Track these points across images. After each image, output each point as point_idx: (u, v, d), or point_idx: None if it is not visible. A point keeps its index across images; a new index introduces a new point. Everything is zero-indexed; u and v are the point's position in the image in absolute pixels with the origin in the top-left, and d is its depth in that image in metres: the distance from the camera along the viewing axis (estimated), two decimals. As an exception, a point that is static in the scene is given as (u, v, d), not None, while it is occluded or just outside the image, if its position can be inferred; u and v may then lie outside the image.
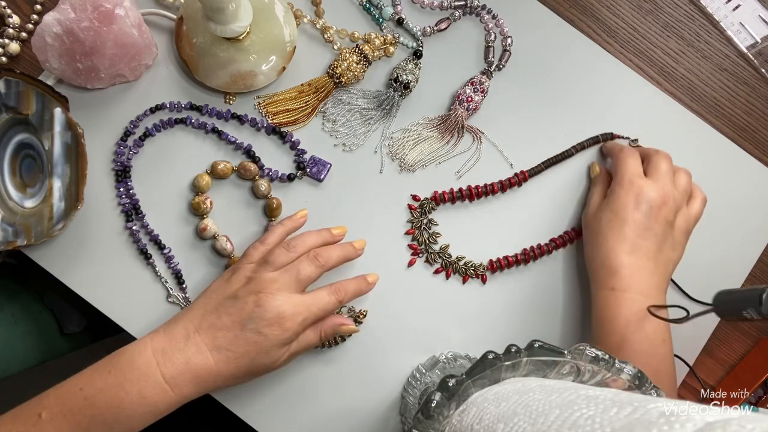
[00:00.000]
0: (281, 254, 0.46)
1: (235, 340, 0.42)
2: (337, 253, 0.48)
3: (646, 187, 0.49)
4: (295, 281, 0.45)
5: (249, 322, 0.43)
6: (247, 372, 0.44)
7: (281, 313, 0.43)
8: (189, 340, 0.42)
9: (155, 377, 0.41)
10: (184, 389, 0.42)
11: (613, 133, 0.57)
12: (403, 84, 0.54)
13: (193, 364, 0.42)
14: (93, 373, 0.42)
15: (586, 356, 0.37)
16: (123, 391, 0.40)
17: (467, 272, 0.54)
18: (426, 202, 0.54)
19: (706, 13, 0.60)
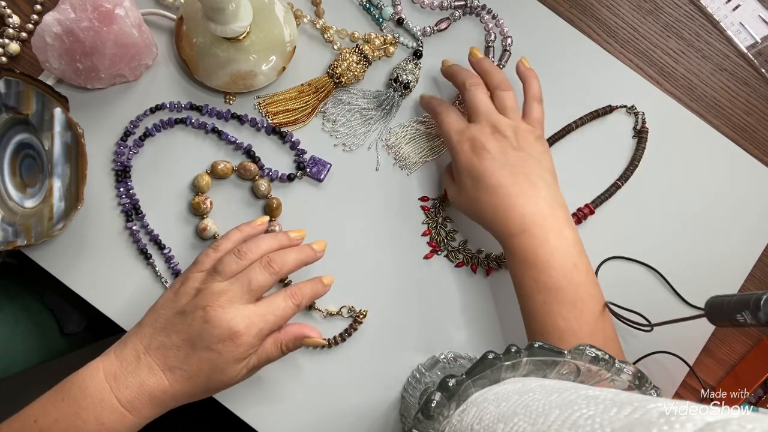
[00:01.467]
0: (231, 262, 0.43)
1: (187, 359, 0.40)
2: (294, 256, 0.45)
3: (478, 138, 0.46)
4: (246, 291, 0.42)
5: (199, 339, 0.40)
6: (205, 389, 0.42)
7: (232, 327, 0.40)
8: (140, 362, 0.40)
9: (111, 402, 0.39)
10: (142, 411, 0.40)
11: (611, 105, 0.57)
12: (404, 84, 0.54)
13: (147, 386, 0.40)
14: (46, 403, 0.40)
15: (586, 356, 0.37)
16: (80, 420, 0.39)
17: (489, 264, 0.54)
18: (438, 200, 0.55)
19: (706, 13, 0.60)
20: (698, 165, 0.59)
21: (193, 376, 0.41)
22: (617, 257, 0.56)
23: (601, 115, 0.57)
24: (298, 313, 0.52)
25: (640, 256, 0.57)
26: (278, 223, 0.53)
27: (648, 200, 0.58)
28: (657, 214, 0.58)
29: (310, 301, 0.46)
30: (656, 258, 0.57)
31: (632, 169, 0.57)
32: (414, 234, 0.55)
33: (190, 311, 0.41)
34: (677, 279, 0.56)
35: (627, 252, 0.56)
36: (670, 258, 0.57)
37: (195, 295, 0.42)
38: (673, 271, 0.56)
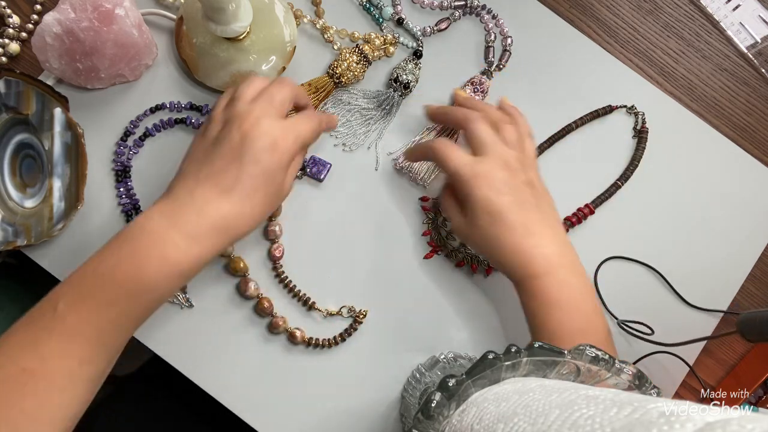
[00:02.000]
0: (245, 87, 0.44)
1: (238, 177, 0.41)
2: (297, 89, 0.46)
3: (490, 173, 0.45)
4: (271, 106, 0.43)
5: (243, 155, 0.41)
6: (261, 206, 0.42)
7: (270, 135, 0.41)
8: (194, 195, 0.40)
9: (172, 237, 0.39)
10: (204, 243, 0.40)
11: (611, 105, 0.57)
12: (403, 84, 0.54)
13: (206, 214, 0.40)
14: (103, 253, 0.39)
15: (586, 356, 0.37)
16: (143, 258, 0.38)
17: (489, 264, 0.55)
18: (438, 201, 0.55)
19: (706, 13, 0.60)
20: (698, 165, 0.59)
21: (249, 193, 0.41)
22: (617, 257, 0.56)
23: (601, 115, 0.57)
24: (296, 312, 0.52)
25: (640, 256, 0.57)
26: (278, 223, 0.53)
27: (648, 200, 0.58)
28: (657, 214, 0.58)
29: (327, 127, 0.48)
30: (656, 258, 0.57)
31: (632, 169, 0.57)
32: (414, 234, 0.55)
33: (225, 135, 0.42)
34: (677, 279, 0.56)
35: (627, 252, 0.56)
36: (670, 258, 0.57)
37: (225, 125, 0.42)
38: (673, 271, 0.56)
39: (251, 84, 0.44)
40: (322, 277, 0.53)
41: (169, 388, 0.60)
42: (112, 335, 0.39)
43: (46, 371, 0.36)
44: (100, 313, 0.38)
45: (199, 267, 0.40)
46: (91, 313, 0.37)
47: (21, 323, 0.38)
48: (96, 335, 0.37)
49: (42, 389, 0.36)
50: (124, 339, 0.40)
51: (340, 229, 0.54)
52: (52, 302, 0.38)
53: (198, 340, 0.51)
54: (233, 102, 0.43)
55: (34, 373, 0.36)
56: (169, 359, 0.50)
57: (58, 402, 0.37)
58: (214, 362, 0.51)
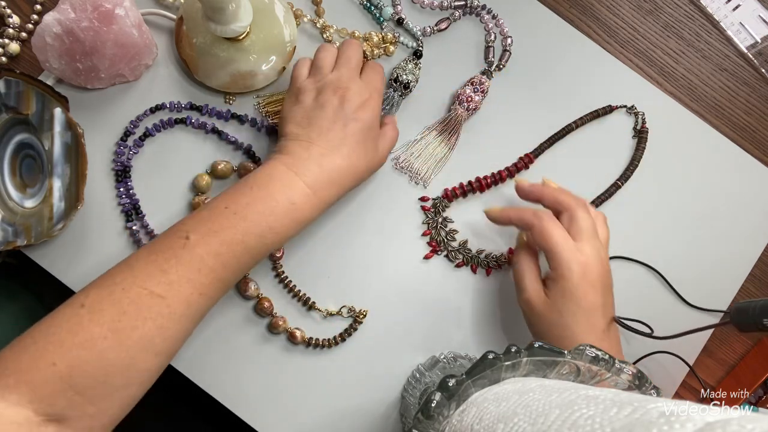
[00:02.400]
0: (323, 56, 0.49)
1: (345, 134, 0.46)
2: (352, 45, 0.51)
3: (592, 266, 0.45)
4: (352, 68, 0.49)
5: (345, 115, 0.46)
6: (369, 159, 0.47)
7: (362, 94, 0.47)
8: (311, 150, 0.45)
9: (298, 185, 0.43)
10: (323, 192, 0.44)
11: (611, 105, 0.57)
12: (403, 84, 0.54)
13: (325, 166, 0.44)
14: (232, 194, 0.42)
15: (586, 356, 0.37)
16: (273, 201, 0.42)
17: (489, 264, 0.54)
18: (438, 200, 0.55)
19: (706, 13, 0.60)
20: (698, 165, 0.59)
21: (355, 147, 0.46)
22: (617, 257, 0.56)
23: (601, 115, 0.57)
24: (296, 312, 0.52)
25: (640, 256, 0.57)
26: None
27: (648, 200, 0.58)
28: (657, 214, 0.58)
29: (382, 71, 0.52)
30: (656, 258, 0.57)
31: (632, 169, 0.57)
32: (414, 234, 0.55)
33: (326, 101, 0.46)
34: (677, 279, 0.56)
35: (627, 252, 0.56)
36: (670, 258, 0.57)
37: (318, 93, 0.47)
38: (673, 271, 0.56)
39: (327, 51, 0.50)
40: (322, 277, 0.53)
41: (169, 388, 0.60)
42: (233, 271, 0.41)
43: (173, 297, 0.38)
44: (228, 247, 0.40)
45: (316, 216, 0.45)
46: (221, 246, 0.40)
47: (146, 251, 0.40)
48: (220, 268, 0.40)
49: (164, 315, 0.38)
50: (239, 277, 0.43)
51: (339, 230, 0.54)
52: (181, 234, 0.40)
53: (198, 339, 0.51)
54: (318, 71, 0.48)
55: (162, 298, 0.38)
56: (169, 359, 0.50)
57: (173, 331, 0.39)
58: (213, 362, 0.51)
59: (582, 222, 0.46)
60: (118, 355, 0.36)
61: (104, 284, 0.38)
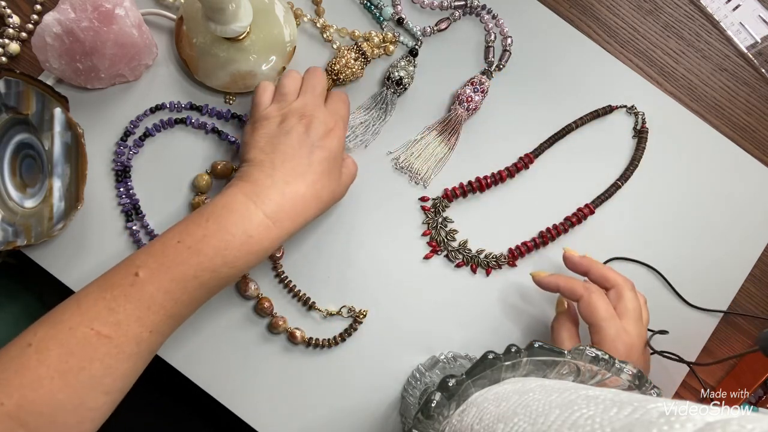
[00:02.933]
0: (288, 83, 0.48)
1: (310, 162, 0.44)
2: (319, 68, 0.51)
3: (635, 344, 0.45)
4: (315, 96, 0.48)
5: (311, 143, 0.45)
6: (333, 188, 0.46)
7: (327, 123, 0.46)
8: (274, 178, 0.43)
9: (257, 216, 0.41)
10: (285, 223, 0.43)
11: (611, 105, 0.57)
12: (395, 81, 0.54)
13: (288, 194, 0.43)
14: (185, 227, 0.41)
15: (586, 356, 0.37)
16: (228, 234, 0.40)
17: (489, 264, 0.54)
18: (438, 200, 0.55)
19: (706, 13, 0.60)
20: (698, 165, 0.59)
21: (320, 176, 0.45)
22: (617, 258, 0.56)
23: (601, 115, 0.57)
24: (296, 312, 0.52)
25: (640, 257, 0.57)
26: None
27: (648, 200, 0.58)
28: (657, 214, 0.58)
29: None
30: (656, 258, 0.57)
31: (632, 169, 0.57)
32: (414, 234, 0.55)
33: (291, 128, 0.45)
34: (677, 279, 0.56)
35: (627, 252, 0.56)
36: (670, 258, 0.57)
37: (283, 119, 0.46)
38: (673, 271, 0.56)
39: (292, 78, 0.48)
40: (322, 277, 0.53)
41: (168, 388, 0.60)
42: (185, 306, 0.40)
43: (121, 336, 0.37)
44: (180, 283, 0.39)
45: (276, 246, 0.43)
46: (171, 282, 0.38)
47: (96, 286, 0.39)
48: (171, 305, 0.39)
49: (113, 355, 0.37)
50: (193, 311, 0.41)
51: (339, 229, 0.54)
52: (131, 269, 0.39)
53: (197, 339, 0.51)
54: (283, 97, 0.47)
55: (110, 338, 0.37)
56: (169, 359, 0.50)
57: (122, 371, 0.38)
58: (213, 362, 0.51)
59: (629, 303, 0.46)
60: (67, 396, 0.36)
61: (52, 322, 0.38)
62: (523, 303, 0.55)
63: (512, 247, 0.55)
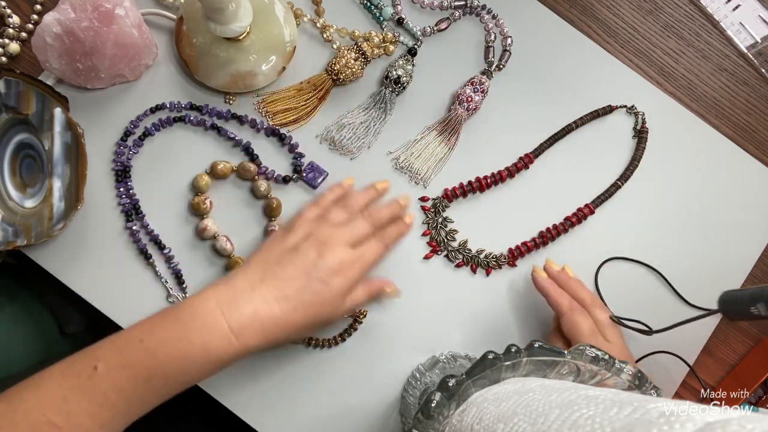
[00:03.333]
0: (338, 213, 0.48)
1: (301, 289, 0.43)
2: (387, 211, 0.50)
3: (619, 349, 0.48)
4: (351, 237, 0.47)
5: (314, 271, 0.44)
6: (311, 322, 0.44)
7: (343, 262, 0.45)
8: (255, 291, 0.42)
9: (221, 328, 0.40)
10: (249, 340, 0.41)
11: (611, 105, 0.57)
12: (393, 80, 0.54)
13: (260, 313, 0.41)
14: (152, 325, 0.41)
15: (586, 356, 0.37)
16: (187, 342, 0.40)
17: (489, 264, 0.55)
18: (438, 200, 0.55)
19: (706, 13, 0.60)
20: (698, 165, 0.59)
21: (305, 306, 0.43)
22: (617, 258, 0.56)
23: (601, 115, 0.57)
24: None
25: (640, 256, 0.57)
26: (278, 223, 0.53)
27: (648, 200, 0.58)
28: (657, 214, 0.58)
29: (398, 240, 0.50)
30: (656, 258, 0.57)
31: (632, 169, 0.57)
32: (414, 234, 0.55)
33: (305, 249, 0.45)
34: (677, 279, 0.56)
35: (627, 252, 0.56)
36: (670, 258, 0.57)
37: (306, 238, 0.46)
38: (673, 271, 0.56)
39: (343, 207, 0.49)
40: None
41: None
42: (136, 407, 0.40)
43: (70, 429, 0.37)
44: (133, 384, 0.39)
45: (233, 362, 0.42)
46: (126, 382, 0.39)
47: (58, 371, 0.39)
48: (123, 405, 0.39)
49: None
50: (144, 412, 0.41)
51: (340, 229, 0.54)
52: (92, 360, 0.39)
53: (198, 340, 0.51)
54: (322, 221, 0.47)
55: (60, 429, 0.37)
56: (169, 359, 0.50)
57: None
58: (214, 362, 0.51)
59: (601, 317, 0.49)
60: None
61: (12, 399, 0.38)
62: (523, 303, 0.55)
63: (512, 247, 0.55)
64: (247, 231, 0.53)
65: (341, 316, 0.46)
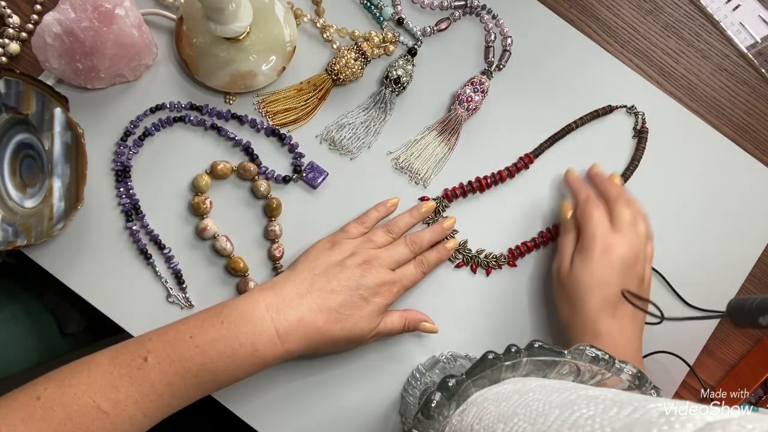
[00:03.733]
0: (383, 235, 0.50)
1: (344, 303, 0.46)
2: (428, 236, 0.52)
3: (618, 247, 0.48)
4: (392, 260, 0.49)
5: (357, 288, 0.46)
6: (348, 336, 0.46)
7: (384, 282, 0.47)
8: (302, 299, 0.45)
9: (269, 331, 0.43)
10: (292, 345, 0.44)
11: (611, 105, 0.57)
12: (393, 80, 0.54)
13: (305, 321, 0.44)
14: (203, 323, 0.42)
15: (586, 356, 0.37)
16: (237, 343, 0.42)
17: (489, 264, 0.55)
18: (438, 200, 0.55)
19: (706, 13, 0.60)
20: (698, 165, 0.59)
21: (345, 319, 0.46)
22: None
23: (601, 115, 0.57)
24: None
25: (640, 256, 0.56)
26: (278, 223, 0.53)
27: (648, 200, 0.57)
28: (657, 215, 0.57)
29: (435, 266, 0.53)
30: (656, 258, 0.56)
31: (632, 169, 0.57)
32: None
33: (351, 265, 0.47)
34: (677, 279, 0.56)
35: (627, 252, 0.56)
36: (669, 258, 0.57)
37: (351, 255, 0.48)
38: (673, 271, 0.56)
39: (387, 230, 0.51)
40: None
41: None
42: (180, 400, 0.42)
43: (117, 415, 0.39)
44: (181, 378, 0.41)
45: (276, 363, 0.44)
46: (174, 376, 0.40)
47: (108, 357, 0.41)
48: (168, 396, 0.41)
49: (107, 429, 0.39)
50: (185, 405, 0.42)
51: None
52: (142, 351, 0.41)
53: (198, 340, 0.51)
54: (366, 241, 0.50)
55: (107, 414, 0.39)
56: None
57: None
58: (214, 362, 0.51)
59: (621, 214, 0.50)
60: None
61: (62, 381, 0.39)
62: (523, 303, 0.55)
63: (512, 247, 0.55)
64: (247, 231, 0.53)
65: (375, 336, 0.48)
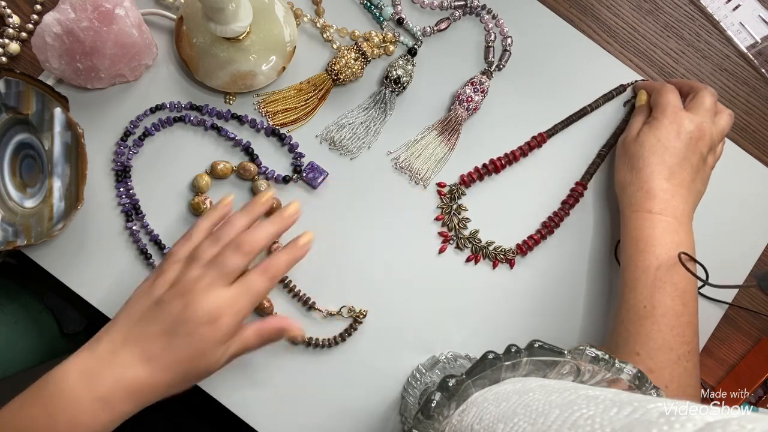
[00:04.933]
0: (208, 248, 0.43)
1: (167, 347, 0.40)
2: (266, 232, 0.44)
3: (687, 120, 0.50)
4: (222, 275, 0.41)
5: (180, 326, 0.40)
6: (185, 378, 0.41)
7: (212, 311, 0.40)
8: (116, 356, 0.39)
9: (85, 400, 0.38)
10: (117, 408, 0.39)
11: (623, 85, 0.58)
12: (393, 80, 0.54)
13: (125, 380, 0.39)
14: (20, 404, 0.39)
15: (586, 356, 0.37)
16: (53, 420, 0.37)
17: (497, 257, 0.55)
18: (455, 186, 0.55)
19: (706, 13, 0.60)
20: (698, 165, 0.59)
21: (173, 364, 0.40)
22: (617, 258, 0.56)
23: (615, 95, 0.58)
24: (296, 312, 0.52)
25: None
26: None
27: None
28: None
29: (288, 269, 0.44)
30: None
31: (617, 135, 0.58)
32: (413, 234, 0.55)
33: (168, 300, 0.41)
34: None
35: (627, 252, 0.56)
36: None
37: (172, 286, 0.41)
38: (673, 271, 0.56)
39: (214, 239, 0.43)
40: (322, 277, 0.53)
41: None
42: None
43: None
44: None
45: (112, 428, 0.39)
46: None
47: None
48: None
49: None
50: None
51: (339, 230, 0.54)
52: None
53: (198, 340, 0.51)
54: (191, 262, 0.42)
55: None
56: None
57: None
58: (214, 362, 0.51)
59: (702, 99, 0.52)
60: None
61: None
62: (525, 302, 0.55)
63: (520, 242, 0.55)
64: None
65: (221, 366, 0.42)
